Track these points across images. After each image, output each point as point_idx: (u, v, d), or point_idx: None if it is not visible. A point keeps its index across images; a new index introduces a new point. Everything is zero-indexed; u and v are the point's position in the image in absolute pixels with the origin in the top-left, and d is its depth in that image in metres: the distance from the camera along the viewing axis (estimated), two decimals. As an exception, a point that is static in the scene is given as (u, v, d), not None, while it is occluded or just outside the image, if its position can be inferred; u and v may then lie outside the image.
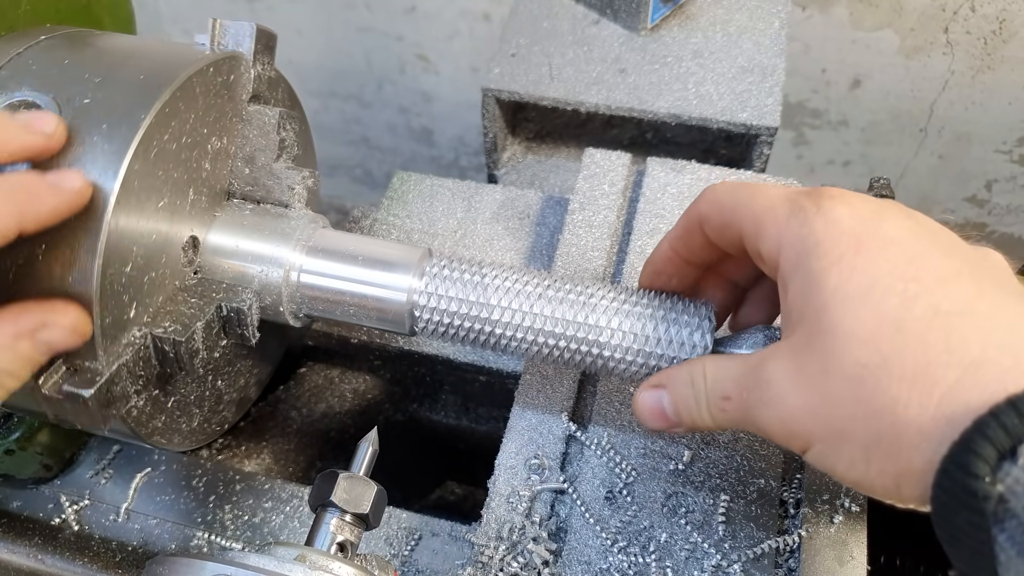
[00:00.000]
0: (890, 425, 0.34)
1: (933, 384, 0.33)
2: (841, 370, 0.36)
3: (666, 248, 0.50)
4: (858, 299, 0.36)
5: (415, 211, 0.72)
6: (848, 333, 0.36)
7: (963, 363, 0.33)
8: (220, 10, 1.46)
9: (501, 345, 0.51)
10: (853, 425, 0.36)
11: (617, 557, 0.52)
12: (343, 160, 1.70)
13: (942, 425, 0.33)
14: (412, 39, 1.38)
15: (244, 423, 0.72)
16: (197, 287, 0.51)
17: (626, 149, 0.75)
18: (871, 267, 0.37)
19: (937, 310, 0.35)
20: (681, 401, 0.46)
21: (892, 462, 0.35)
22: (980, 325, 0.34)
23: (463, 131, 1.54)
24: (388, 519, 0.58)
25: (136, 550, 0.58)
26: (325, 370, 0.79)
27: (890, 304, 0.35)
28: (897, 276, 0.36)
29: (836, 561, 0.51)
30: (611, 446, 0.57)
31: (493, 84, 0.78)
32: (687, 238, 0.48)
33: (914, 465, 0.34)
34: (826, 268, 0.37)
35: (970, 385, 0.33)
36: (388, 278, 0.51)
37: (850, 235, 0.38)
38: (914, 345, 0.34)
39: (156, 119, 0.44)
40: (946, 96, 1.19)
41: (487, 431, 0.80)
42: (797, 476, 0.55)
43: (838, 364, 0.36)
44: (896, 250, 0.37)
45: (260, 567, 0.37)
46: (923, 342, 0.34)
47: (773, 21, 0.80)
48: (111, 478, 0.61)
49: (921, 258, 0.37)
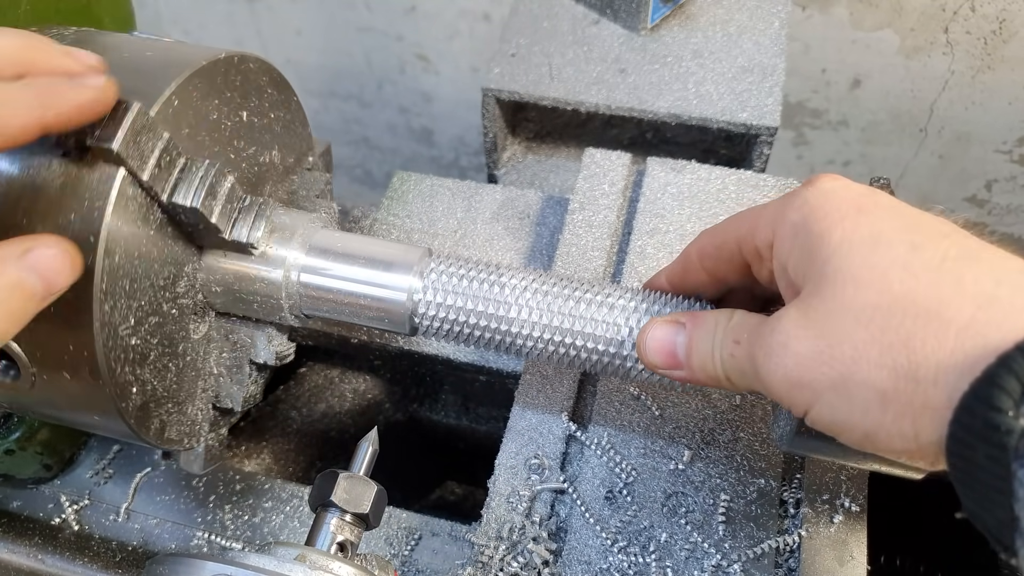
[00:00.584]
0: (906, 363, 0.34)
1: (948, 320, 0.33)
2: (850, 311, 0.35)
3: (663, 282, 0.51)
4: (865, 247, 0.36)
5: (415, 211, 0.72)
6: (856, 277, 0.36)
7: (977, 300, 0.33)
8: (220, 10, 1.46)
9: (501, 345, 0.51)
10: (866, 367, 0.35)
11: (617, 557, 0.52)
12: (343, 160, 1.70)
13: (960, 360, 0.32)
14: (412, 39, 1.38)
15: (244, 423, 0.72)
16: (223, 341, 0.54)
17: (626, 149, 0.75)
18: (875, 223, 0.37)
19: (945, 256, 0.35)
20: (698, 340, 0.44)
21: (909, 402, 0.34)
22: (989, 268, 0.34)
23: (463, 131, 1.54)
24: (388, 519, 0.58)
25: (136, 550, 0.58)
26: (325, 370, 0.79)
27: (898, 251, 0.36)
28: (902, 230, 0.36)
29: (836, 561, 0.51)
30: (611, 446, 0.57)
31: (493, 84, 0.78)
32: (684, 275, 0.49)
33: (932, 402, 0.33)
34: (829, 227, 0.38)
35: (986, 321, 0.33)
36: (388, 278, 0.51)
37: (849, 202, 0.38)
38: (926, 285, 0.34)
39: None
40: (946, 96, 1.19)
41: (487, 431, 0.80)
42: (797, 476, 0.55)
43: (847, 306, 0.36)
44: (896, 212, 0.38)
45: (260, 567, 0.37)
46: (935, 282, 0.34)
47: (773, 21, 0.80)
48: (111, 478, 0.61)
49: (921, 219, 0.37)
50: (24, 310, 0.38)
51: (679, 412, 0.58)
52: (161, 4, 1.51)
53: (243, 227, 0.49)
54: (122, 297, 0.43)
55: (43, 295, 0.38)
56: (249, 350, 0.53)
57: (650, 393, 0.59)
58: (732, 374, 0.43)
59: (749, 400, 0.58)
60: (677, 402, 0.58)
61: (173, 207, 0.45)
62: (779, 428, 0.48)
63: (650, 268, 0.64)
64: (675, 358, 0.45)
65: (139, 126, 0.41)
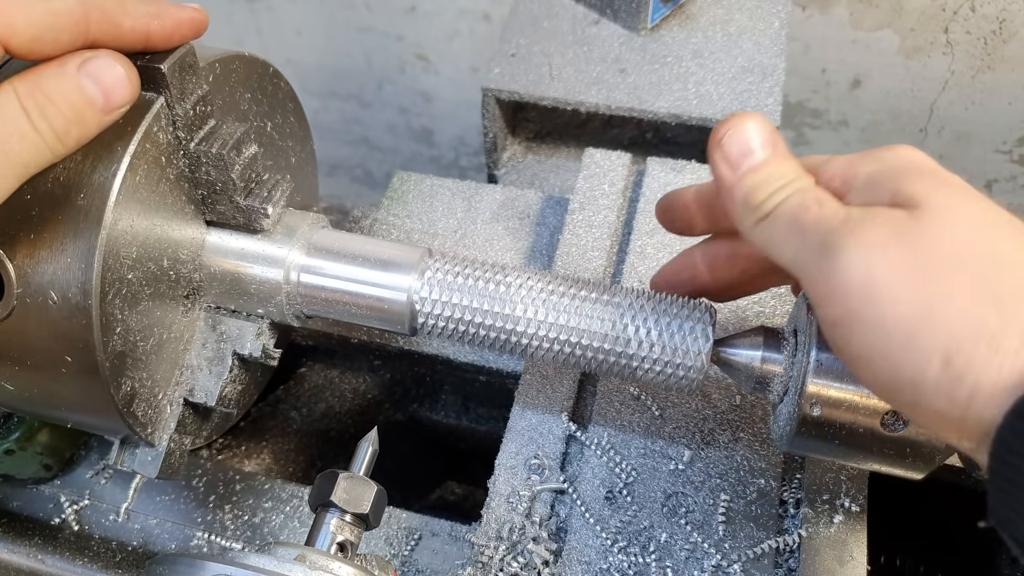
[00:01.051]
0: (995, 323, 0.31)
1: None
2: (954, 249, 0.33)
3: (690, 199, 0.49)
4: (963, 197, 0.35)
5: (415, 211, 0.72)
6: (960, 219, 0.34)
7: None
8: (220, 10, 1.46)
9: (501, 345, 0.51)
10: (951, 312, 0.32)
11: (617, 557, 0.52)
12: (343, 160, 1.70)
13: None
14: (412, 39, 1.38)
15: (244, 423, 0.72)
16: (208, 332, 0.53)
17: (626, 149, 0.75)
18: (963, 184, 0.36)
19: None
20: (775, 168, 0.39)
21: (979, 366, 0.31)
22: None
23: (463, 131, 1.53)
24: (388, 519, 0.58)
25: (136, 550, 0.58)
26: (325, 370, 0.79)
27: (994, 210, 0.35)
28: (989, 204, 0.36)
29: (836, 561, 0.51)
30: (611, 446, 0.57)
31: (493, 84, 0.78)
32: None
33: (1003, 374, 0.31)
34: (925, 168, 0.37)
35: None
36: (388, 278, 0.51)
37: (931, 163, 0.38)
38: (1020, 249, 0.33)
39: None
40: (946, 96, 1.19)
41: (487, 431, 0.80)
42: (797, 476, 0.55)
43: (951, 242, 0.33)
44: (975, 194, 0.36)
45: (260, 567, 0.37)
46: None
47: (773, 21, 0.80)
48: (111, 478, 0.61)
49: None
50: (87, 119, 0.39)
51: (679, 412, 0.58)
52: (161, 4, 1.51)
53: (257, 197, 0.49)
54: (131, 218, 0.43)
55: (104, 107, 0.39)
56: (235, 341, 0.52)
57: (650, 393, 0.59)
58: (778, 227, 0.38)
59: (749, 400, 0.58)
60: (677, 402, 0.58)
61: (198, 156, 0.46)
62: (779, 428, 0.48)
63: (650, 268, 0.64)
64: (745, 158, 0.40)
65: (187, 63, 0.43)
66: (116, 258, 0.42)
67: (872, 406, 0.42)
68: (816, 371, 0.43)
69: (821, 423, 0.43)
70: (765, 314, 0.62)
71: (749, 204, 0.40)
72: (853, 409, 0.43)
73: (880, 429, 0.43)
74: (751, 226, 0.40)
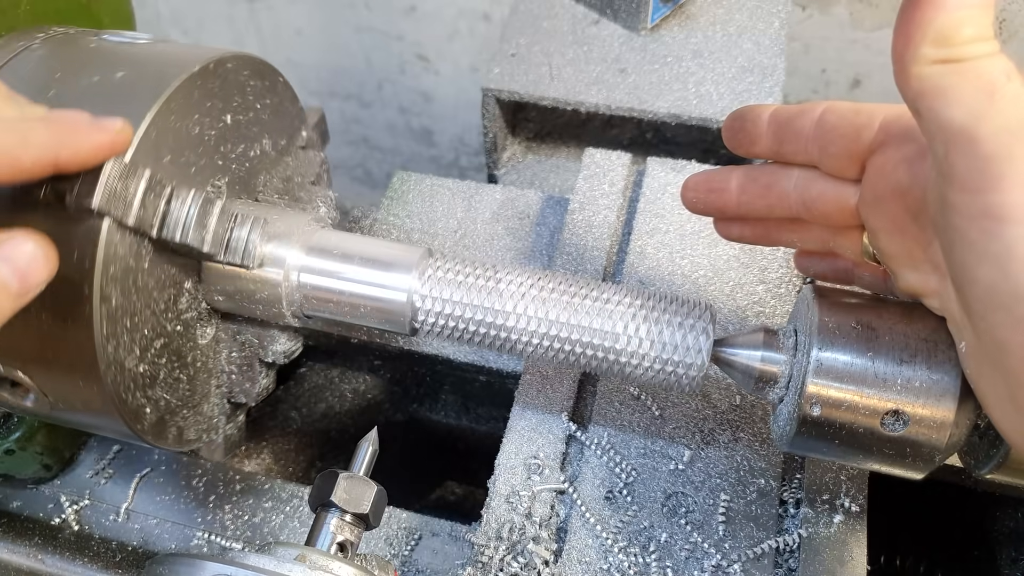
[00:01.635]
0: None
1: None
2: None
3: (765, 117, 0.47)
4: None
5: (415, 211, 0.72)
6: None
7: None
8: (220, 10, 1.46)
9: (501, 345, 0.51)
10: None
11: (617, 557, 0.52)
12: (343, 160, 1.70)
13: None
14: (412, 39, 1.38)
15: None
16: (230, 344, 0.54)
17: (626, 149, 0.75)
18: None
19: None
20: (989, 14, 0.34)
21: None
22: None
23: (463, 131, 1.53)
24: (388, 519, 0.58)
25: (136, 550, 0.58)
26: (325, 370, 0.79)
27: None
28: None
29: (836, 561, 0.51)
30: (611, 446, 0.57)
31: (493, 84, 0.78)
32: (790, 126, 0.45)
33: None
34: None
35: None
36: (388, 278, 0.51)
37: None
38: None
39: None
40: (946, 96, 1.18)
41: (487, 431, 0.80)
42: (797, 476, 0.55)
43: None
44: None
45: (260, 567, 0.37)
46: None
47: (773, 21, 0.80)
48: (111, 478, 0.61)
49: None
50: (1, 306, 0.37)
51: (679, 412, 0.58)
52: (161, 4, 1.51)
53: (238, 247, 0.48)
54: (124, 334, 0.44)
55: (18, 291, 0.37)
56: (257, 350, 0.54)
57: (650, 393, 0.59)
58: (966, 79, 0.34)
59: (749, 400, 0.58)
60: (677, 402, 0.58)
61: (163, 243, 0.45)
62: (779, 428, 0.48)
63: (650, 268, 0.64)
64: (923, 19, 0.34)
65: (117, 175, 0.41)
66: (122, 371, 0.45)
67: (872, 406, 0.42)
68: (816, 371, 0.43)
69: (821, 423, 0.43)
70: (765, 314, 0.62)
71: (946, 38, 0.34)
72: (853, 409, 0.43)
73: (880, 429, 0.43)
74: (928, 63, 0.35)
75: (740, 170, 0.49)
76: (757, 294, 0.63)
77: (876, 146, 0.42)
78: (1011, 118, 0.32)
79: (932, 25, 0.34)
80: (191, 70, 0.46)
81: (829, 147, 0.43)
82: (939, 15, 0.34)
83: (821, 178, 0.45)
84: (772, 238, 0.50)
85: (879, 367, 0.42)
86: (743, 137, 0.48)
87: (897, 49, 0.35)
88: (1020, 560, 0.67)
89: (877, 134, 0.42)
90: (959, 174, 0.34)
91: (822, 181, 0.45)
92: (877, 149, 0.42)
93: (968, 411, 0.42)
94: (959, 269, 0.35)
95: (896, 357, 0.42)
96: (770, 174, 0.48)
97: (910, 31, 0.35)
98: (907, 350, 0.42)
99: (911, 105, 0.36)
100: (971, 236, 0.34)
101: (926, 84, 0.35)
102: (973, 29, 0.34)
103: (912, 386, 0.42)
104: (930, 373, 0.42)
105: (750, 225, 0.50)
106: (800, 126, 0.44)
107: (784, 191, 0.47)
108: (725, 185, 0.49)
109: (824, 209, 0.45)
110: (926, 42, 0.34)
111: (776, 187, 0.47)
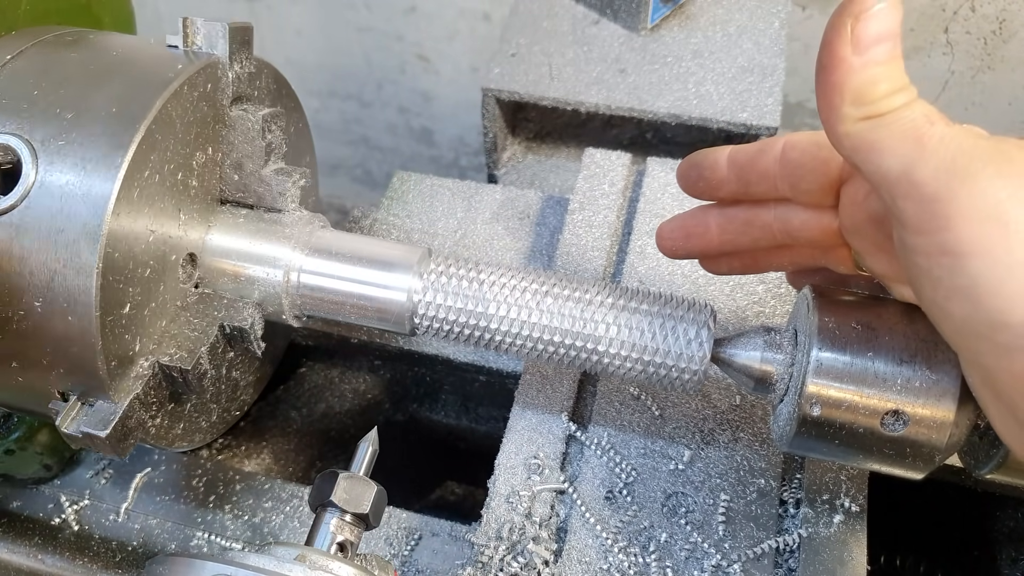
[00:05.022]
0: None
1: None
2: None
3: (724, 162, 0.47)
4: None
5: (415, 211, 0.72)
6: None
7: None
8: (219, 10, 1.46)
9: (501, 345, 0.51)
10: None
11: (617, 557, 0.52)
12: (343, 160, 1.70)
13: None
14: (412, 39, 1.38)
15: (244, 423, 0.72)
16: (198, 305, 0.51)
17: (626, 149, 0.75)
18: None
19: None
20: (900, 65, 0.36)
21: None
22: None
23: (463, 131, 1.53)
24: (388, 519, 0.58)
25: (136, 550, 0.58)
26: (325, 370, 0.79)
27: None
28: None
29: (836, 561, 0.51)
30: (611, 446, 0.57)
31: (493, 84, 0.78)
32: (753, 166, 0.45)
33: None
34: None
35: None
36: (388, 278, 0.51)
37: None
38: None
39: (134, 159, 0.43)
40: (946, 96, 1.19)
41: (487, 431, 0.80)
42: (797, 476, 0.55)
43: None
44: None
45: (260, 567, 0.36)
46: None
47: (773, 21, 0.80)
48: (111, 478, 0.61)
49: None
50: None
51: (679, 412, 0.58)
52: (161, 4, 1.51)
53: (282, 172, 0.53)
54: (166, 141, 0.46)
55: None
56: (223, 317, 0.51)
57: (650, 393, 0.59)
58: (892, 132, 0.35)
59: (749, 400, 0.58)
60: (677, 402, 0.58)
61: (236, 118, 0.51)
62: (779, 428, 0.48)
63: (650, 268, 0.64)
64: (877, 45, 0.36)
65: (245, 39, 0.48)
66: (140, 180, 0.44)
67: (872, 406, 0.42)
68: (816, 371, 0.43)
69: (821, 423, 0.43)
70: (765, 314, 0.62)
71: (863, 96, 0.35)
72: (853, 409, 0.43)
73: (880, 429, 0.43)
74: (853, 122, 0.36)
75: (715, 210, 0.49)
76: (757, 294, 0.63)
77: (846, 176, 0.42)
78: (943, 158, 0.33)
79: (847, 87, 0.35)
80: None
81: (800, 184, 0.44)
82: (851, 77, 0.35)
83: (800, 209, 0.45)
84: (762, 265, 0.50)
85: (879, 367, 0.42)
86: (703, 185, 0.48)
87: (823, 112, 0.37)
88: (1020, 560, 0.67)
89: (844, 164, 0.42)
90: (910, 218, 0.34)
91: (802, 212, 0.45)
92: (847, 179, 0.42)
93: (968, 411, 0.42)
94: (930, 305, 0.36)
95: (896, 357, 0.42)
96: (747, 210, 0.48)
97: (830, 95, 0.36)
98: (907, 350, 0.42)
99: (849, 161, 0.37)
100: (935, 273, 0.34)
101: (856, 141, 0.36)
102: (887, 84, 0.35)
103: (912, 386, 0.42)
104: (930, 373, 0.42)
105: (738, 257, 0.50)
106: (764, 166, 0.44)
107: (766, 223, 0.47)
108: (703, 229, 0.49)
109: (809, 236, 0.45)
110: (846, 103, 0.36)
111: (756, 221, 0.47)
